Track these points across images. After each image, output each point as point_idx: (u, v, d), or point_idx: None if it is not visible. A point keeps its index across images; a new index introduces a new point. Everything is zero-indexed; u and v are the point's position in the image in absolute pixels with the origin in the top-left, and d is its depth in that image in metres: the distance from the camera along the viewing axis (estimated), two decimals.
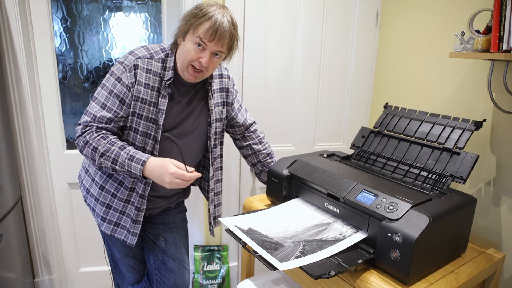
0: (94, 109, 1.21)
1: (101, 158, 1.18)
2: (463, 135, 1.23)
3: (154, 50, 1.25)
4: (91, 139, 1.18)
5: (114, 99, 1.21)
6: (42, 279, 1.98)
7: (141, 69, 1.21)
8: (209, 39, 1.14)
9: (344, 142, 2.21)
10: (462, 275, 1.06)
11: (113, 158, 1.17)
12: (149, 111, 1.23)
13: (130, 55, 1.22)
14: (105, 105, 1.21)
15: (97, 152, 1.17)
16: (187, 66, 1.20)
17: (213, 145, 1.41)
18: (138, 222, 1.32)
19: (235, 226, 1.19)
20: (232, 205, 2.11)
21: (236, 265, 2.21)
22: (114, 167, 1.18)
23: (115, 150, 1.17)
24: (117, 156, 1.16)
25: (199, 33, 1.14)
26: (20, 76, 1.71)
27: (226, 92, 1.41)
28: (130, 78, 1.20)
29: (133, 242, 1.32)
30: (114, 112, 1.21)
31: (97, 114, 1.20)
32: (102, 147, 1.17)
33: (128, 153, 1.17)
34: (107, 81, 1.23)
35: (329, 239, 1.10)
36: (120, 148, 1.17)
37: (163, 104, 1.24)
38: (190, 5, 1.80)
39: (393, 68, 1.96)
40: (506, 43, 1.16)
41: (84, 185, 1.39)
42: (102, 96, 1.22)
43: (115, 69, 1.22)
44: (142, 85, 1.21)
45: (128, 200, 1.31)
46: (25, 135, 1.79)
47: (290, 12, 1.93)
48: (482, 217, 1.50)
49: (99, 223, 1.36)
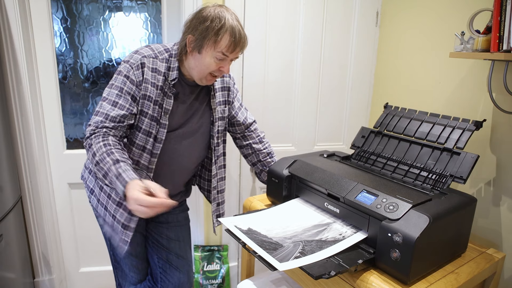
0: (105, 109, 1.18)
1: (95, 167, 1.13)
2: (463, 135, 1.23)
3: (158, 50, 1.25)
4: (94, 143, 1.13)
5: (126, 96, 1.20)
6: (42, 279, 1.98)
7: (147, 67, 1.21)
8: (231, 50, 1.18)
9: (344, 142, 2.21)
10: (462, 275, 1.06)
11: (105, 171, 1.09)
12: (154, 110, 1.23)
13: (135, 54, 1.22)
14: (117, 103, 1.19)
15: (94, 159, 1.12)
16: (206, 75, 1.23)
17: (216, 143, 1.41)
18: (129, 228, 1.24)
19: (235, 226, 1.19)
20: (232, 205, 2.11)
21: (236, 265, 2.21)
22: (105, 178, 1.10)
23: (108, 163, 1.08)
24: (108, 170, 1.08)
25: (222, 49, 1.17)
26: (20, 76, 1.71)
27: (227, 91, 1.42)
28: (138, 76, 1.20)
29: (121, 250, 1.27)
30: (127, 109, 1.20)
31: (109, 113, 1.17)
32: (100, 155, 1.10)
33: (117, 170, 1.06)
34: (116, 81, 1.21)
35: (328, 240, 1.10)
36: (114, 162, 1.08)
37: (168, 104, 1.25)
38: (190, 5, 1.80)
39: (393, 68, 1.96)
40: (506, 43, 1.16)
41: (88, 186, 1.38)
42: (113, 95, 1.19)
43: (122, 68, 1.22)
44: (149, 83, 1.21)
45: (120, 203, 1.26)
46: (25, 135, 1.79)
47: (290, 12, 1.93)
48: (482, 217, 1.50)
49: (101, 224, 1.36)
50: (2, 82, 1.67)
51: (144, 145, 1.26)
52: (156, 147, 1.26)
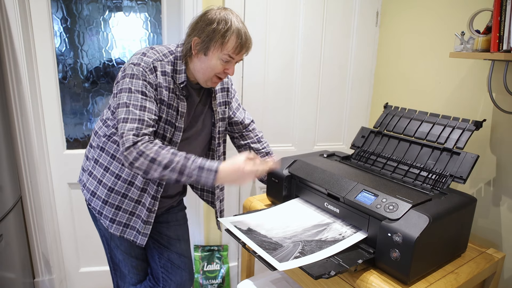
0: (136, 115, 1.13)
1: (164, 171, 1.10)
2: (463, 135, 1.23)
3: (162, 52, 1.24)
4: (147, 150, 1.09)
5: (151, 99, 1.17)
6: (42, 279, 1.98)
7: (159, 71, 1.20)
8: (237, 52, 1.19)
9: (344, 142, 2.21)
10: (462, 275, 1.06)
11: (179, 169, 1.10)
12: (168, 114, 1.23)
13: (145, 57, 1.19)
14: (145, 107, 1.15)
15: (159, 164, 1.09)
16: (212, 77, 1.23)
17: (217, 144, 1.43)
18: (149, 223, 1.32)
19: (234, 227, 1.19)
20: (232, 205, 2.11)
21: (236, 265, 2.21)
22: (180, 179, 1.11)
23: (181, 162, 1.10)
24: (184, 167, 1.10)
25: (228, 51, 1.17)
26: (20, 76, 1.71)
27: (226, 92, 1.43)
28: (154, 79, 1.19)
29: (143, 242, 1.32)
30: (155, 112, 1.18)
31: (144, 118, 1.13)
32: (165, 159, 1.09)
33: (196, 163, 1.10)
34: (133, 84, 1.16)
35: (328, 240, 1.10)
36: (185, 159, 1.11)
37: (183, 107, 1.25)
38: (190, 5, 1.80)
39: (393, 68, 1.96)
40: (506, 43, 1.16)
41: (88, 188, 1.35)
42: (137, 99, 1.15)
43: (136, 71, 1.17)
44: (163, 87, 1.21)
45: (139, 201, 1.31)
46: (25, 135, 1.79)
47: (290, 12, 1.93)
48: (482, 217, 1.50)
49: (107, 225, 1.33)
50: (2, 82, 1.67)
51: None
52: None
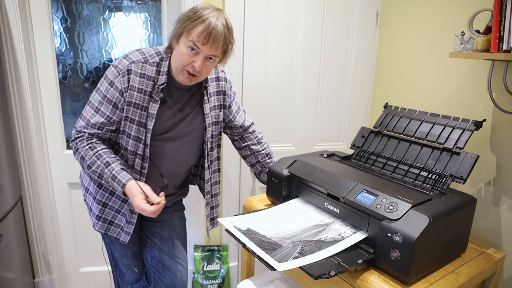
0: (88, 114, 1.24)
1: (88, 170, 1.23)
2: (463, 135, 1.23)
3: (149, 54, 1.24)
4: (80, 148, 1.22)
5: (108, 104, 1.22)
6: (42, 279, 1.98)
7: (134, 73, 1.21)
8: (203, 42, 1.13)
9: (344, 142, 2.21)
10: (462, 275, 1.06)
11: (98, 173, 1.21)
12: (140, 116, 1.24)
13: (124, 59, 1.22)
14: (98, 109, 1.23)
15: (84, 163, 1.23)
16: (181, 70, 1.19)
17: (210, 148, 1.40)
18: (131, 223, 1.34)
19: (234, 227, 1.19)
20: (232, 205, 2.11)
21: (236, 265, 2.21)
22: (101, 182, 1.26)
23: (100, 166, 1.20)
24: (102, 173, 1.20)
25: (192, 36, 1.13)
26: (20, 76, 1.71)
27: (223, 95, 1.41)
28: (123, 83, 1.20)
29: (125, 240, 1.34)
30: (107, 117, 1.23)
31: (90, 120, 1.23)
32: (89, 159, 1.21)
33: (111, 172, 1.19)
34: (101, 85, 1.24)
35: (327, 240, 1.10)
36: (105, 165, 1.20)
37: (153, 109, 1.24)
38: (191, 5, 1.79)
39: (393, 68, 1.96)
40: (506, 43, 1.16)
41: (83, 184, 1.40)
42: (96, 100, 1.24)
43: (109, 73, 1.22)
44: (135, 90, 1.21)
45: (125, 200, 1.33)
46: (25, 135, 1.79)
47: (290, 12, 1.92)
48: (482, 217, 1.50)
49: (93, 222, 1.37)
50: (2, 82, 1.67)
51: (135, 150, 1.27)
52: (146, 152, 1.27)
